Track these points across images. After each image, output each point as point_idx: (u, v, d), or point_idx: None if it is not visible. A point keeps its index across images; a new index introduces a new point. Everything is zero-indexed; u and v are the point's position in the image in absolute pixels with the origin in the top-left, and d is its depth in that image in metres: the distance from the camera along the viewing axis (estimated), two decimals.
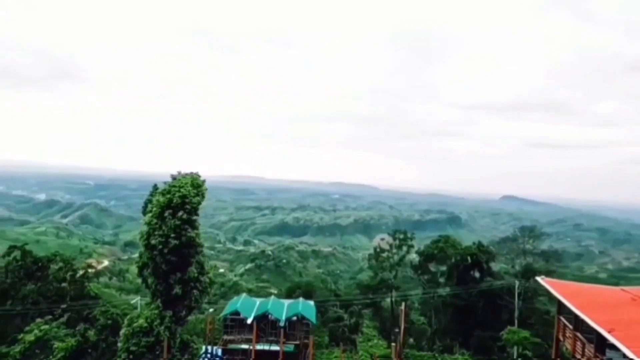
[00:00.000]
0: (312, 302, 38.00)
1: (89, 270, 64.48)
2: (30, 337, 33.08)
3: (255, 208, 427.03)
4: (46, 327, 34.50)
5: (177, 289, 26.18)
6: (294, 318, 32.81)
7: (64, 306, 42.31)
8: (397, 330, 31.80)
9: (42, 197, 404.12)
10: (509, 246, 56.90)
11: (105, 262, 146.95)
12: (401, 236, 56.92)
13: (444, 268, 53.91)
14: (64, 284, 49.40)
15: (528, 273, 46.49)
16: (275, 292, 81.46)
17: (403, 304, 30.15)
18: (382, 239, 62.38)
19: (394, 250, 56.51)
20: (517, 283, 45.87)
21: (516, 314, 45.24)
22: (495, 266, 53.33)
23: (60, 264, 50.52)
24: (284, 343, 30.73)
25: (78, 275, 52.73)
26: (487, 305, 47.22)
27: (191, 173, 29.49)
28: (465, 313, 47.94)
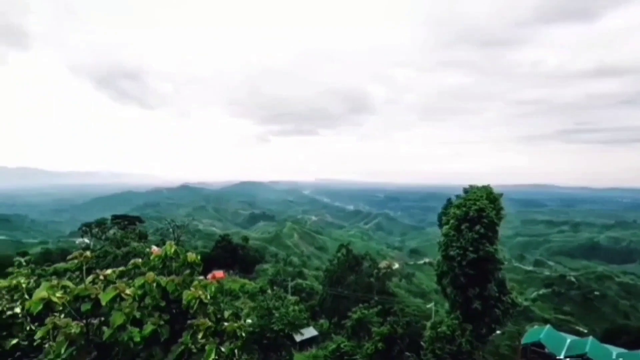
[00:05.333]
0: None
1: (388, 270, 75.77)
2: (355, 316, 42.52)
3: (548, 222, 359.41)
4: (365, 312, 43.20)
5: (476, 304, 25.68)
6: None
7: (376, 298, 51.73)
8: None
9: (351, 207, 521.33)
10: None
11: (396, 265, 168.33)
12: None
13: None
14: (371, 279, 60.86)
15: None
16: (585, 330, 64.45)
17: None
18: None
19: None
20: None
21: None
22: None
23: (370, 262, 62.65)
24: None
25: (381, 273, 63.45)
26: None
27: (484, 186, 28.50)
28: None
